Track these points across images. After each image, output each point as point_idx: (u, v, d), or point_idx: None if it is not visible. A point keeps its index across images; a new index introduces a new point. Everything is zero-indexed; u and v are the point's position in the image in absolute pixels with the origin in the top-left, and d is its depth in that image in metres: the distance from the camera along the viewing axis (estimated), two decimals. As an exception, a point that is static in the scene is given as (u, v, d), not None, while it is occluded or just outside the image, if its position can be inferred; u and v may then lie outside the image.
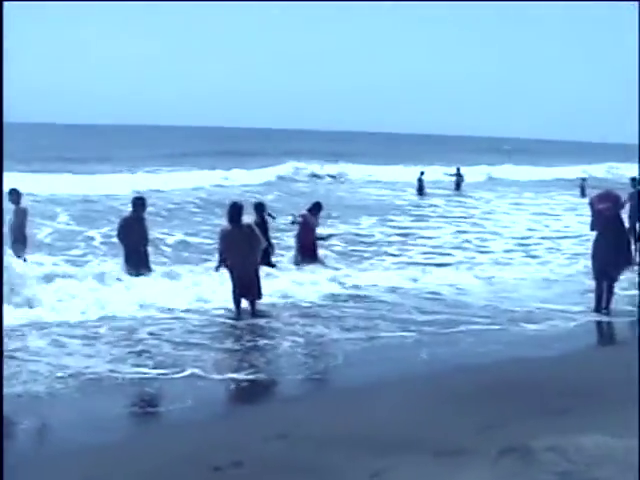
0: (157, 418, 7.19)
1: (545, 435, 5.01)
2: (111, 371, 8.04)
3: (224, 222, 11.46)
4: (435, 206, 28.27)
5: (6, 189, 12.63)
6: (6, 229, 12.42)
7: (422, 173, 33.42)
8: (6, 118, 7.95)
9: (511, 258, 16.82)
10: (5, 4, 6.58)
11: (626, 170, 38.05)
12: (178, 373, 8.06)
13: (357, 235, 19.62)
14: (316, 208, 14.83)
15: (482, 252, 17.35)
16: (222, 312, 10.89)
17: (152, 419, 7.16)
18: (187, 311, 10.78)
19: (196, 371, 8.14)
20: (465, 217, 24.88)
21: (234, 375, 8.13)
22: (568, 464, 4.52)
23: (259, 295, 11.17)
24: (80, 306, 10.64)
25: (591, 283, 11.44)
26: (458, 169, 36.21)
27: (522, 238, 20.21)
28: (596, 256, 10.94)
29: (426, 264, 15.24)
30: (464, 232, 21.14)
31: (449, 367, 8.31)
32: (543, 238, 20.29)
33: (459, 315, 10.97)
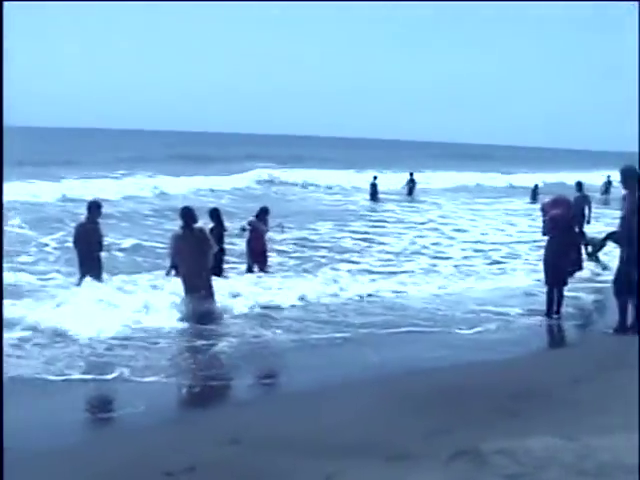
0: (106, 423, 7.11)
1: (495, 438, 5.08)
2: (57, 375, 7.93)
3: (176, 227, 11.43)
4: (390, 211, 28.52)
5: None
6: None
7: (375, 178, 33.83)
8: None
9: (470, 265, 16.86)
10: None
11: (592, 177, 38.85)
12: (131, 377, 7.97)
13: (311, 241, 19.61)
14: (263, 213, 14.92)
15: (439, 257, 17.39)
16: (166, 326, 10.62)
17: (102, 424, 7.08)
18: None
19: (152, 377, 8.07)
20: (421, 222, 25.08)
21: (183, 380, 8.10)
22: (517, 467, 4.60)
23: (211, 301, 11.11)
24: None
25: (543, 288, 11.60)
26: (411, 174, 36.76)
27: (476, 242, 20.42)
28: (548, 261, 11.08)
29: (380, 272, 15.20)
30: (421, 237, 21.28)
31: (399, 371, 8.38)
32: (497, 243, 20.52)
33: (405, 318, 11.17)
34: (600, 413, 6.09)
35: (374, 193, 32.85)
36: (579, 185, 20.53)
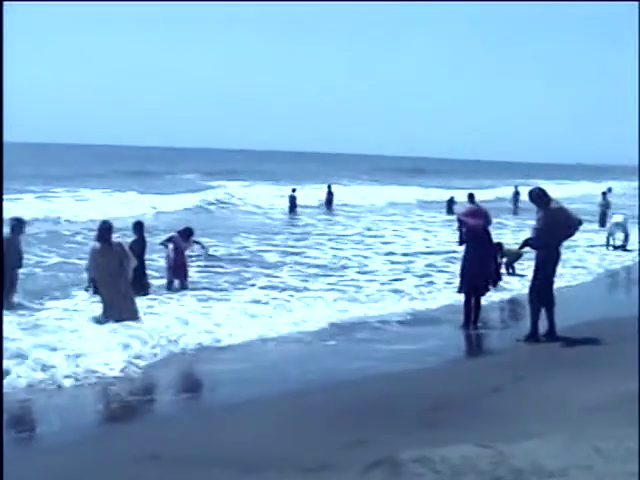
0: (23, 441, 6.88)
1: (412, 448, 5.19)
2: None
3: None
4: (310, 225, 28.68)
5: None
6: None
7: (294, 190, 34.36)
8: None
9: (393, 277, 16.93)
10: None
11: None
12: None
13: (230, 254, 19.52)
14: (186, 232, 14.94)
15: (362, 272, 17.36)
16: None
17: (18, 442, 6.83)
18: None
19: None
20: (342, 235, 25.12)
21: (104, 395, 7.94)
22: (434, 475, 4.70)
23: (135, 317, 10.93)
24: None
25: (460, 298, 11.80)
26: (329, 187, 37.33)
27: (388, 254, 20.54)
28: (466, 271, 11.33)
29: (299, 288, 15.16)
30: (340, 249, 21.39)
31: (316, 384, 8.40)
32: (412, 254, 20.72)
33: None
34: (515, 420, 6.29)
35: (292, 206, 33.35)
36: (470, 197, 22.00)
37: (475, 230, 11.12)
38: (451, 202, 34.00)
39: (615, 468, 4.80)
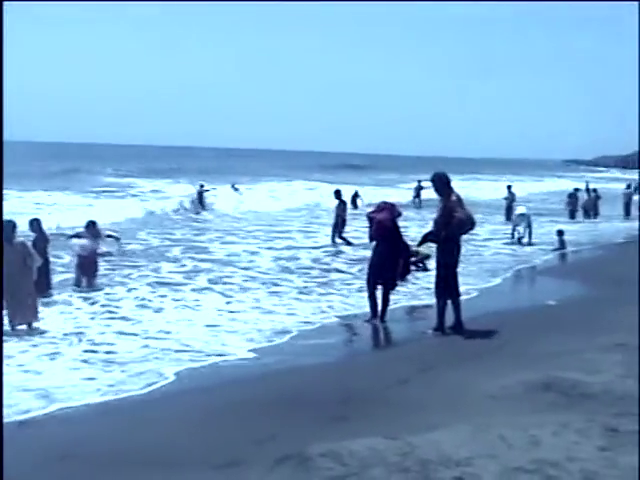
0: None
1: (321, 442, 5.28)
2: None
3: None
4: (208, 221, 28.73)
5: None
6: None
7: (202, 186, 34.70)
8: None
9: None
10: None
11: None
12: None
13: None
14: (90, 226, 14.61)
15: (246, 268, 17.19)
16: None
17: None
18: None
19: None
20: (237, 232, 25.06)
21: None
22: (342, 468, 4.78)
23: (35, 316, 10.67)
24: None
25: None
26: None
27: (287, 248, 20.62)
28: (375, 265, 11.51)
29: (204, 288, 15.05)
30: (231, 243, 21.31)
31: (225, 380, 8.37)
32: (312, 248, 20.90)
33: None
34: (422, 411, 6.44)
35: (200, 201, 33.68)
36: (336, 193, 22.50)
37: (383, 224, 11.32)
38: (355, 197, 34.54)
39: (520, 456, 4.99)
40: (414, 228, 21.60)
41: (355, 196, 34.59)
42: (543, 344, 8.99)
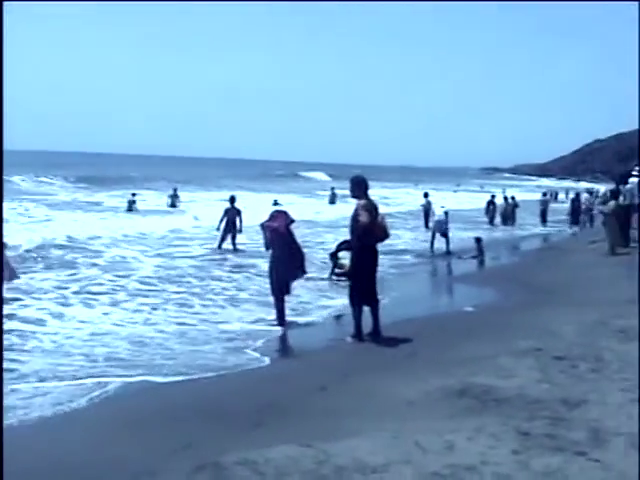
0: None
1: (237, 450, 5.31)
2: None
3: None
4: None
5: None
6: None
7: (134, 194, 38.27)
8: None
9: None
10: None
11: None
12: None
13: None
14: None
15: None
16: None
17: None
18: None
19: None
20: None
21: None
22: (258, 476, 4.85)
23: None
24: None
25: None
26: (175, 190, 41.29)
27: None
28: (276, 272, 11.85)
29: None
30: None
31: (138, 389, 8.28)
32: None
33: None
34: (339, 419, 6.53)
35: (130, 208, 36.25)
36: (231, 199, 23.31)
37: (278, 232, 11.75)
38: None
39: (435, 461, 5.14)
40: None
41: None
42: (459, 350, 9.21)
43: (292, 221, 12.13)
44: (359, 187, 10.59)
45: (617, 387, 6.96)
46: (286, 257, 11.73)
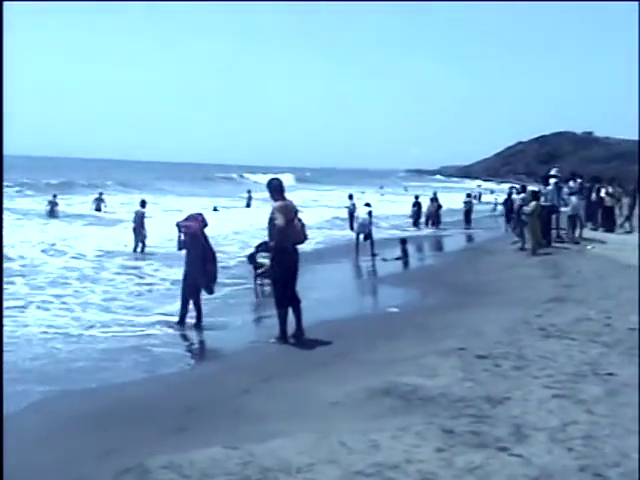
0: None
1: (162, 454, 5.30)
2: None
3: None
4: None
5: None
6: None
7: (55, 196, 38.20)
8: None
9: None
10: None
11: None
12: None
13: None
14: None
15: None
16: None
17: None
18: None
19: None
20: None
21: None
22: (182, 479, 4.78)
23: None
24: None
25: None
26: (100, 194, 41.67)
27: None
28: (186, 273, 12.04)
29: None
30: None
31: (61, 392, 8.18)
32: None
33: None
34: (264, 420, 6.58)
35: (52, 211, 36.48)
36: (142, 203, 24.16)
37: (192, 233, 11.98)
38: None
39: (360, 460, 5.22)
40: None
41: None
42: (384, 350, 9.36)
43: (206, 225, 12.25)
44: (276, 190, 10.76)
45: (539, 384, 7.19)
46: (199, 260, 11.89)
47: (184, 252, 12.17)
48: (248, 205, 46.08)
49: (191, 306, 11.94)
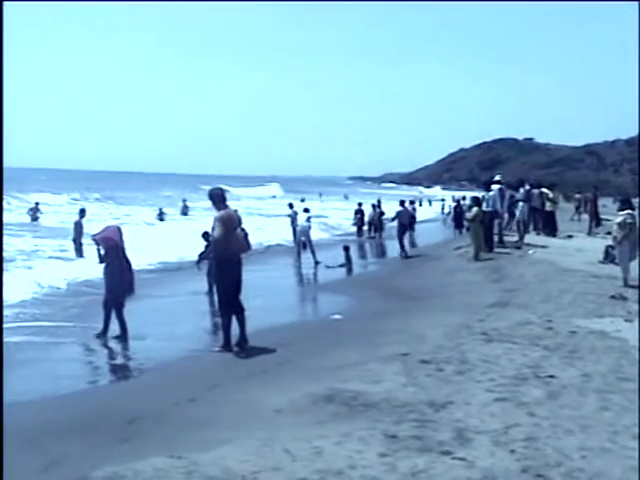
0: None
1: (105, 465, 5.30)
2: None
3: None
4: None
5: None
6: None
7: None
8: None
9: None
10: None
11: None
12: None
13: None
14: None
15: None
16: None
17: None
18: None
19: None
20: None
21: None
22: (125, 490, 4.78)
23: None
24: None
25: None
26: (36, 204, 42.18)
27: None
28: (107, 284, 11.96)
29: None
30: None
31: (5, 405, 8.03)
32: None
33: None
34: (209, 429, 6.60)
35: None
36: (81, 211, 23.90)
37: (111, 245, 11.93)
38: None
39: (304, 467, 5.28)
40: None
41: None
42: (327, 357, 9.44)
43: (122, 235, 12.22)
44: (218, 200, 10.81)
45: (481, 388, 7.35)
46: (120, 272, 11.87)
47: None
48: (184, 214, 45.30)
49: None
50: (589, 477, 5.11)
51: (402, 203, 28.10)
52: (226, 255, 10.51)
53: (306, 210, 25.91)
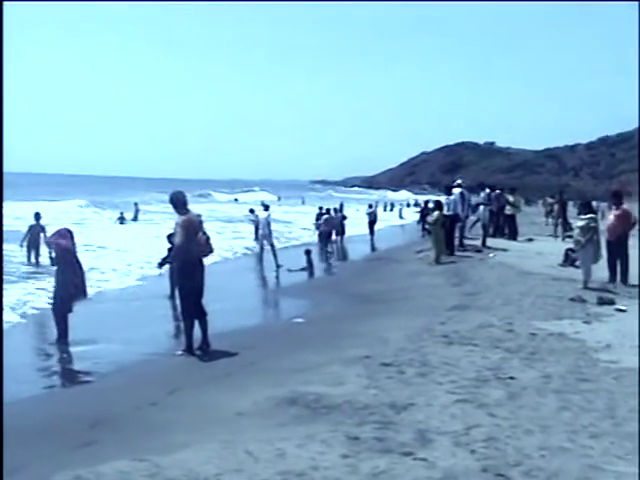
0: None
1: (68, 469, 5.30)
2: None
3: None
4: None
5: None
6: None
7: None
8: None
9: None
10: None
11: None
12: None
13: None
14: None
15: None
16: None
17: None
18: None
19: None
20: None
21: None
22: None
23: None
24: None
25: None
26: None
27: None
28: (58, 288, 11.88)
29: None
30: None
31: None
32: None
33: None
34: (171, 432, 6.64)
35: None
36: (36, 215, 23.56)
37: (64, 249, 11.88)
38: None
39: (266, 469, 5.33)
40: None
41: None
42: (289, 360, 9.49)
43: (73, 239, 12.19)
44: (180, 204, 10.83)
45: (442, 389, 7.46)
46: (71, 275, 11.81)
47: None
48: (135, 219, 45.34)
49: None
50: (548, 476, 5.23)
51: (328, 211, 28.66)
52: (188, 259, 10.53)
53: (266, 207, 25.97)
